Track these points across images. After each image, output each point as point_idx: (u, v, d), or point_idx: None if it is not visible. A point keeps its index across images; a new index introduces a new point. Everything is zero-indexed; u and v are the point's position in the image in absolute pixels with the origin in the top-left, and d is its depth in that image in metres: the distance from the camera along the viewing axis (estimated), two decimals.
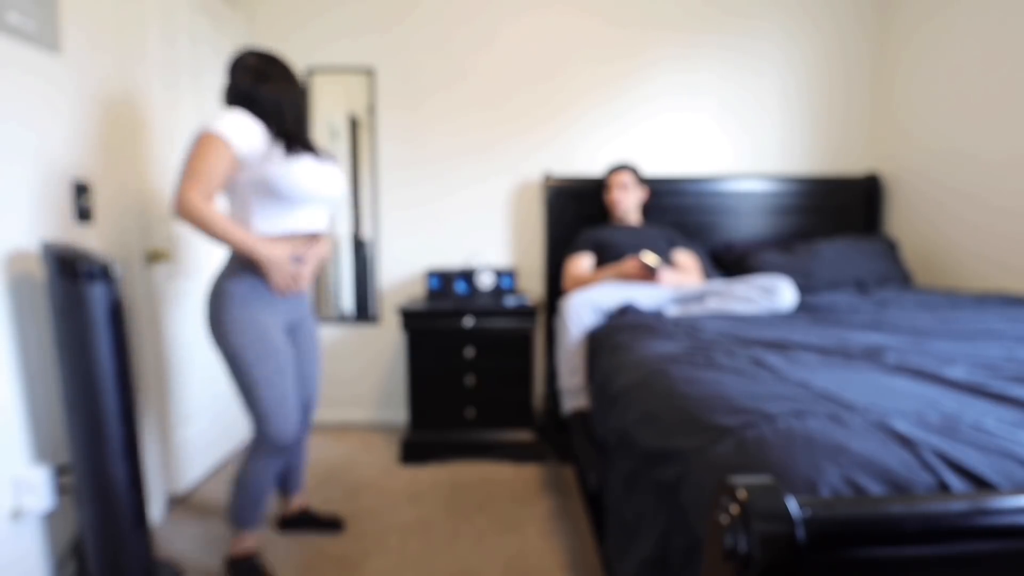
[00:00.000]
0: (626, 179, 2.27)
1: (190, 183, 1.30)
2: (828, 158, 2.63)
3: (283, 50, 2.54)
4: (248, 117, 1.38)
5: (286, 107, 1.46)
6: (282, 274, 1.40)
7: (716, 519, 0.49)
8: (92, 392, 1.29)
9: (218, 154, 1.31)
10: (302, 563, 1.59)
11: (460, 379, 2.27)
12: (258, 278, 1.41)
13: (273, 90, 1.44)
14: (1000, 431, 0.70)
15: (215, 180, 1.33)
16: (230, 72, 1.46)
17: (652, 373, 1.12)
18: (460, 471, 2.19)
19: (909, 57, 2.43)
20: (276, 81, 1.46)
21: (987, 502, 0.51)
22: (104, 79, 1.64)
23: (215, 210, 1.33)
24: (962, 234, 2.20)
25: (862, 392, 0.86)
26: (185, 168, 1.31)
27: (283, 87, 1.47)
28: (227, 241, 1.34)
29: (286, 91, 1.47)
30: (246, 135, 1.36)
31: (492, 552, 1.64)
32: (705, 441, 0.79)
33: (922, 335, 1.33)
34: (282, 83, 1.47)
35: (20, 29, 1.33)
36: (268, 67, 1.47)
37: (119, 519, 1.34)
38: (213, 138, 1.31)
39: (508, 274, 2.54)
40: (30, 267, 1.36)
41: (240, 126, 1.35)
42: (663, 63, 2.56)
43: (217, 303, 1.40)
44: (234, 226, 1.35)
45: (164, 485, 1.89)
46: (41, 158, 1.41)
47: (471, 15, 2.54)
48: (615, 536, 1.12)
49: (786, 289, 1.73)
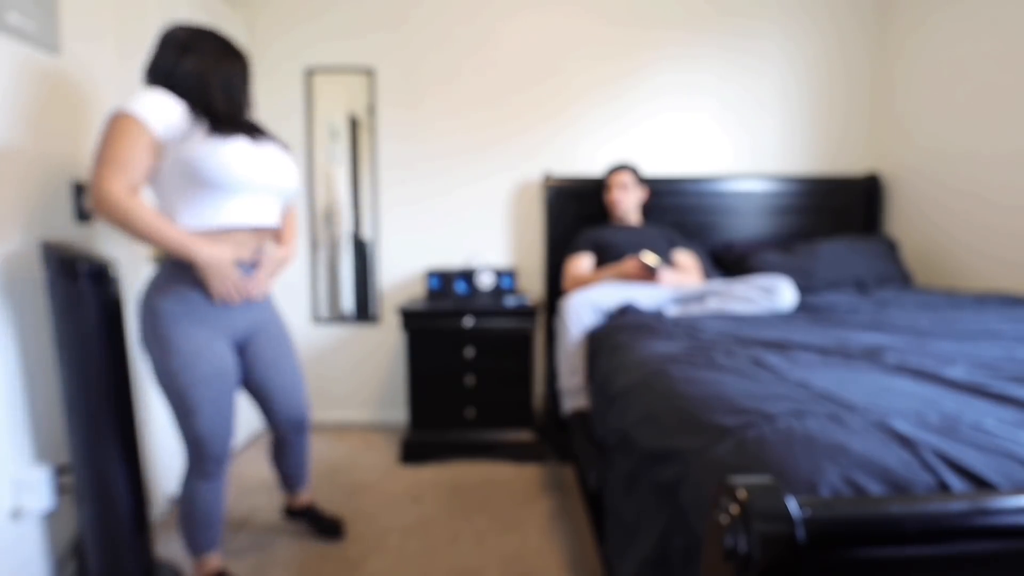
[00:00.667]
0: (626, 179, 2.27)
1: (108, 172, 1.12)
2: (828, 158, 2.63)
3: (283, 50, 2.55)
4: (167, 95, 1.22)
5: (213, 83, 1.28)
6: (224, 280, 1.24)
7: (716, 519, 0.49)
8: (92, 392, 1.29)
9: (134, 138, 1.15)
10: (302, 563, 1.59)
11: (460, 379, 2.27)
12: (194, 288, 1.25)
13: (197, 65, 1.27)
14: (1000, 431, 0.70)
15: (137, 168, 1.16)
16: (155, 48, 1.30)
17: (652, 373, 1.12)
18: (460, 471, 2.19)
19: (909, 56, 2.43)
20: (203, 56, 1.29)
21: (987, 502, 0.51)
22: (104, 79, 1.64)
23: (142, 204, 1.16)
24: (962, 234, 2.20)
25: (862, 392, 0.86)
26: (99, 155, 1.15)
27: (210, 62, 1.29)
28: (157, 241, 1.16)
29: (214, 66, 1.30)
30: (164, 115, 1.19)
31: (492, 552, 1.64)
32: (705, 441, 0.79)
33: (922, 335, 1.33)
34: (210, 58, 1.30)
35: (20, 29, 1.33)
36: (196, 41, 1.30)
37: (119, 519, 1.34)
38: (128, 119, 1.15)
39: (508, 274, 2.54)
40: (30, 267, 1.36)
41: (157, 105, 1.18)
42: (663, 62, 2.56)
43: (146, 321, 1.24)
44: (165, 223, 1.17)
45: (164, 485, 1.89)
46: (41, 158, 1.41)
47: (471, 14, 2.54)
48: (615, 536, 1.12)
49: (786, 289, 1.73)
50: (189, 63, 1.27)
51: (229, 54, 1.35)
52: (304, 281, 2.64)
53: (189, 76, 1.27)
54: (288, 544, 1.68)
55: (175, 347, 1.23)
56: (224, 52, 1.34)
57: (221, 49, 1.34)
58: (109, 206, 1.13)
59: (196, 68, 1.28)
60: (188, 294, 1.25)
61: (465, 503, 1.94)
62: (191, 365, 1.24)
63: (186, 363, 1.23)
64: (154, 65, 1.29)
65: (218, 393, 1.29)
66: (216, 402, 1.29)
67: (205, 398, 1.26)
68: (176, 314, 1.24)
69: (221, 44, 1.34)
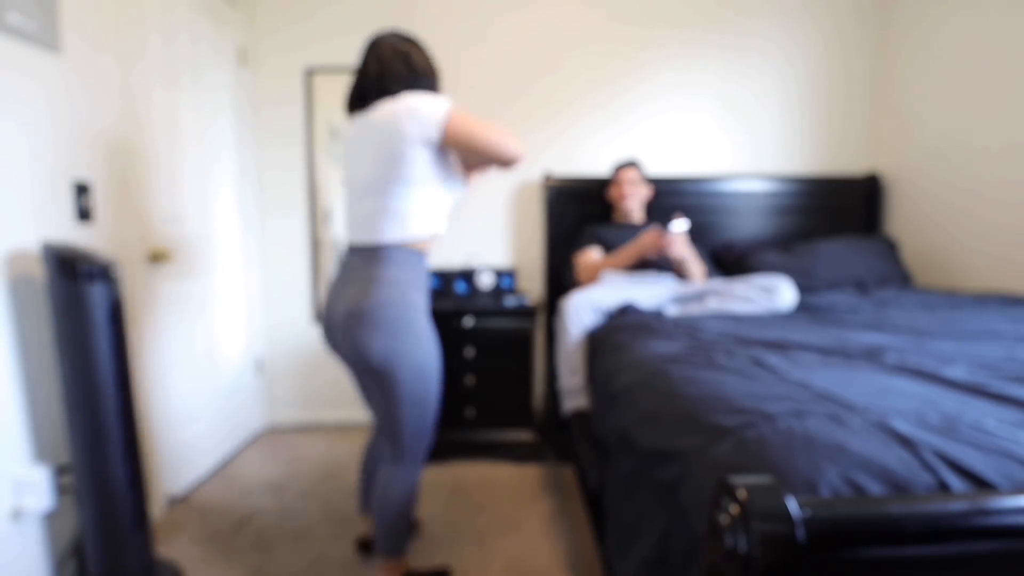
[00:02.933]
0: (635, 176, 2.28)
1: (499, 135, 1.24)
2: (828, 158, 2.63)
3: (283, 49, 2.55)
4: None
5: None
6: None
7: (716, 519, 0.49)
8: (92, 392, 1.29)
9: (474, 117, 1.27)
10: (302, 563, 1.59)
11: (460, 379, 2.27)
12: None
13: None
14: (1000, 431, 0.70)
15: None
16: (419, 59, 1.31)
17: (652, 373, 1.12)
18: (460, 471, 2.19)
19: (909, 56, 2.43)
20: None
21: (987, 502, 0.51)
22: (104, 79, 1.64)
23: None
24: (962, 234, 2.20)
25: (862, 392, 0.86)
26: (480, 135, 1.23)
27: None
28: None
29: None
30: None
31: (492, 552, 1.64)
32: (705, 441, 0.79)
33: (922, 335, 1.33)
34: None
35: (21, 30, 1.33)
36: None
37: (119, 519, 1.34)
38: (457, 109, 1.24)
39: (508, 274, 2.54)
40: (30, 267, 1.36)
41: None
42: (663, 62, 2.56)
43: (400, 318, 1.24)
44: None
45: (164, 485, 1.89)
46: (41, 158, 1.41)
47: (471, 14, 2.55)
48: (615, 536, 1.12)
49: (786, 289, 1.73)
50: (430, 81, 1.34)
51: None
52: (304, 281, 2.64)
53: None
54: (289, 544, 1.68)
55: (432, 336, 1.28)
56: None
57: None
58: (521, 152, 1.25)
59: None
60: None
61: (465, 503, 1.94)
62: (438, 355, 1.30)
63: (438, 351, 1.30)
64: (429, 83, 1.32)
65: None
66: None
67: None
68: (426, 310, 1.30)
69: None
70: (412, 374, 1.23)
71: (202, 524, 1.81)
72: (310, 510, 1.89)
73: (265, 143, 2.59)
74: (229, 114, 2.38)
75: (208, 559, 1.61)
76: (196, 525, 1.80)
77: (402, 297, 1.22)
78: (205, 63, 2.18)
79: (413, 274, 1.26)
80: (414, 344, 1.22)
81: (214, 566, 1.58)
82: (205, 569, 1.57)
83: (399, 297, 1.21)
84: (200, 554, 1.64)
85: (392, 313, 1.20)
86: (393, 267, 1.23)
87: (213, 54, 2.24)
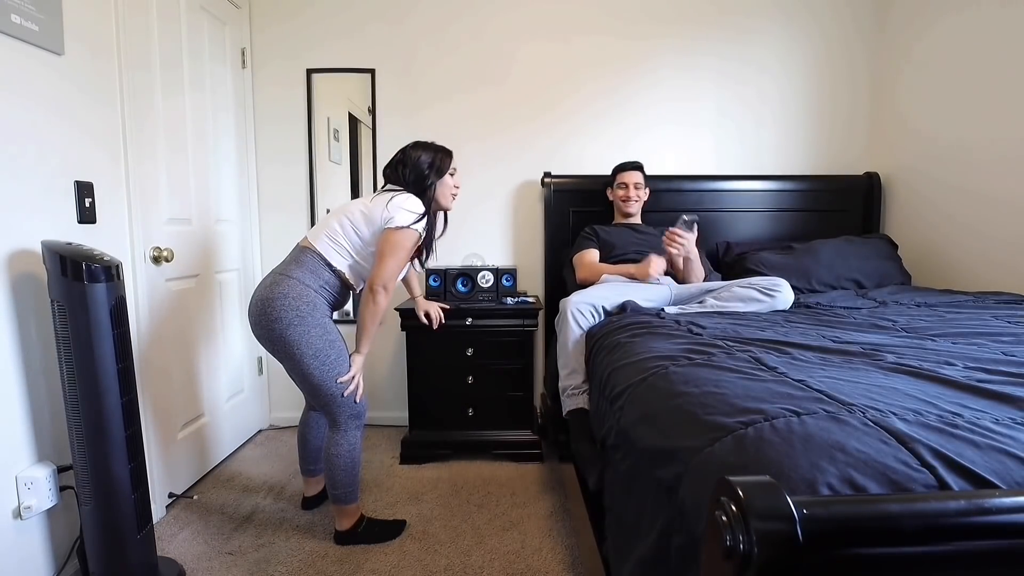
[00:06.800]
0: (639, 179, 2.28)
1: (395, 272, 1.57)
2: (828, 158, 2.63)
3: (283, 50, 2.55)
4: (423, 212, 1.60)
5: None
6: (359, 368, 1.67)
7: (715, 518, 0.49)
8: (94, 392, 1.30)
9: (413, 245, 1.60)
10: (303, 562, 1.59)
11: (460, 379, 2.27)
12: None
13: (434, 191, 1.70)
14: (998, 430, 0.71)
15: (402, 268, 1.61)
16: (409, 158, 1.65)
17: (652, 373, 1.12)
18: (460, 471, 2.19)
19: (908, 56, 2.43)
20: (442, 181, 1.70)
21: (985, 501, 0.51)
22: (106, 79, 1.64)
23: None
24: (961, 233, 2.20)
25: (861, 391, 0.86)
26: (391, 255, 1.55)
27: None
28: (370, 332, 1.63)
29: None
30: (421, 227, 1.60)
31: (492, 552, 1.64)
32: (704, 441, 0.79)
33: (921, 334, 1.34)
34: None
35: (23, 31, 1.33)
36: (445, 162, 1.69)
37: (121, 518, 1.34)
38: (413, 234, 1.56)
39: (508, 274, 2.54)
40: (32, 267, 1.37)
41: (422, 221, 1.59)
42: (663, 59, 2.56)
43: (300, 312, 1.53)
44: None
45: (165, 485, 1.89)
46: (44, 159, 1.41)
47: (470, 15, 2.55)
48: (615, 536, 1.12)
49: (785, 289, 1.73)
50: (435, 184, 1.67)
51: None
52: None
53: (432, 197, 1.67)
54: (289, 543, 1.69)
55: (327, 326, 1.58)
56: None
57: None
58: (387, 298, 1.58)
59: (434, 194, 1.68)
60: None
61: (465, 503, 1.94)
62: (339, 340, 1.61)
63: (335, 337, 1.59)
64: (416, 175, 1.65)
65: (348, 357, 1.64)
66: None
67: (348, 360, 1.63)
68: (323, 307, 1.59)
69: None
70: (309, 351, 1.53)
71: (203, 523, 1.81)
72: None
73: (265, 144, 2.59)
74: (230, 114, 2.38)
75: (209, 558, 1.61)
76: (197, 524, 1.81)
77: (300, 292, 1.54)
78: (206, 64, 2.18)
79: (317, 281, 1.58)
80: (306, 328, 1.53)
81: (215, 565, 1.58)
82: (206, 568, 1.57)
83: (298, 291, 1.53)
84: (201, 553, 1.64)
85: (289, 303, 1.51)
86: (300, 270, 1.57)
87: (214, 55, 2.24)
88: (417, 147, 1.68)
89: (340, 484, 1.62)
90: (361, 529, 1.69)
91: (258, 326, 1.53)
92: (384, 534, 1.71)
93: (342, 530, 1.68)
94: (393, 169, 1.69)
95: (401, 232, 1.54)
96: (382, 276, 1.54)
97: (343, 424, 1.62)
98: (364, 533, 1.69)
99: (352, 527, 1.68)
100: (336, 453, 1.61)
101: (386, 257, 1.54)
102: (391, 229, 1.54)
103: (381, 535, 1.70)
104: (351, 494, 1.65)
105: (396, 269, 1.56)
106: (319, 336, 1.53)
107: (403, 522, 1.78)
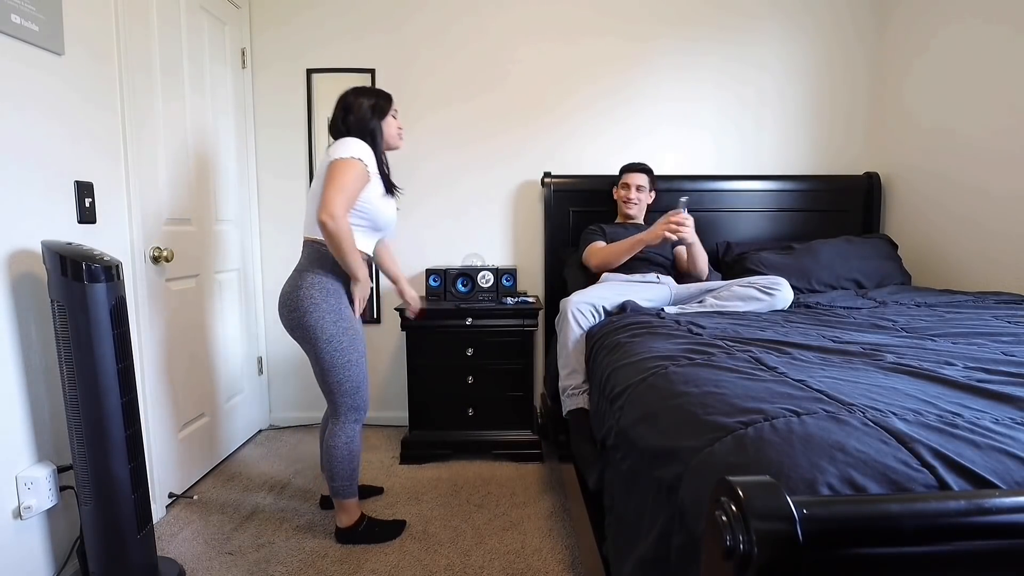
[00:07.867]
0: (644, 181, 2.27)
1: (339, 199, 1.47)
2: (827, 158, 2.63)
3: (283, 50, 2.55)
4: (369, 150, 1.58)
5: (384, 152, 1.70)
6: (364, 296, 1.65)
7: (715, 518, 0.49)
8: (94, 391, 1.30)
9: (358, 175, 1.51)
10: (303, 562, 1.59)
11: (460, 379, 2.27)
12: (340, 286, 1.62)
13: (382, 129, 1.67)
14: (998, 430, 0.71)
15: (353, 198, 1.53)
16: (351, 104, 1.63)
17: (652, 373, 1.12)
18: (460, 471, 2.19)
19: (908, 56, 2.43)
20: (386, 120, 1.68)
21: (985, 501, 0.51)
22: (106, 80, 1.64)
23: (350, 228, 1.51)
24: (961, 233, 2.20)
25: (861, 391, 0.86)
26: (331, 184, 1.47)
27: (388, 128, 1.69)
28: (349, 260, 1.52)
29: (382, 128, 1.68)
30: (372, 163, 1.57)
31: (492, 552, 1.64)
32: (704, 441, 0.79)
33: (920, 334, 1.34)
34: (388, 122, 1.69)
35: (23, 31, 1.33)
36: (386, 104, 1.67)
37: (121, 518, 1.34)
38: (354, 162, 1.50)
39: (508, 274, 2.54)
40: (32, 267, 1.37)
41: (369, 154, 1.56)
42: (663, 59, 2.56)
43: (313, 297, 1.56)
44: (354, 248, 1.53)
45: (165, 485, 1.89)
46: (44, 159, 1.41)
47: (471, 15, 2.55)
48: (615, 536, 1.12)
49: (785, 287, 1.73)
50: (378, 125, 1.65)
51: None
52: None
53: (379, 139, 1.66)
54: (289, 543, 1.69)
55: (342, 313, 1.59)
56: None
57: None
58: (338, 225, 1.46)
59: (382, 132, 1.67)
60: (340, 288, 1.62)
61: (465, 503, 1.94)
62: (353, 328, 1.61)
63: (349, 326, 1.60)
64: (359, 121, 1.63)
65: (363, 353, 1.66)
66: (364, 358, 1.67)
67: (362, 354, 1.65)
68: (338, 292, 1.60)
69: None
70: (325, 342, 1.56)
71: (203, 523, 1.81)
72: (310, 509, 1.89)
73: (266, 143, 2.59)
74: (230, 115, 2.38)
75: (209, 558, 1.62)
76: (197, 524, 1.81)
77: (311, 279, 1.57)
78: (206, 64, 2.18)
79: (319, 262, 1.59)
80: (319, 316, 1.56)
81: (215, 565, 1.58)
82: (206, 568, 1.57)
83: (309, 280, 1.57)
84: (201, 553, 1.64)
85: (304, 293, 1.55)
86: (306, 261, 1.61)
87: (214, 55, 2.24)
88: (356, 92, 1.67)
89: (338, 476, 1.65)
90: (361, 528, 1.70)
91: (283, 317, 1.61)
92: (384, 534, 1.71)
93: (342, 527, 1.69)
94: (334, 123, 1.66)
95: (340, 161, 1.50)
96: (326, 206, 1.46)
97: (343, 415, 1.64)
98: (364, 533, 1.70)
99: (352, 525, 1.69)
100: (334, 444, 1.64)
101: (327, 187, 1.47)
102: (331, 162, 1.51)
103: (381, 535, 1.71)
104: (349, 488, 1.67)
105: (341, 198, 1.47)
106: (332, 323, 1.56)
107: (403, 522, 1.78)
